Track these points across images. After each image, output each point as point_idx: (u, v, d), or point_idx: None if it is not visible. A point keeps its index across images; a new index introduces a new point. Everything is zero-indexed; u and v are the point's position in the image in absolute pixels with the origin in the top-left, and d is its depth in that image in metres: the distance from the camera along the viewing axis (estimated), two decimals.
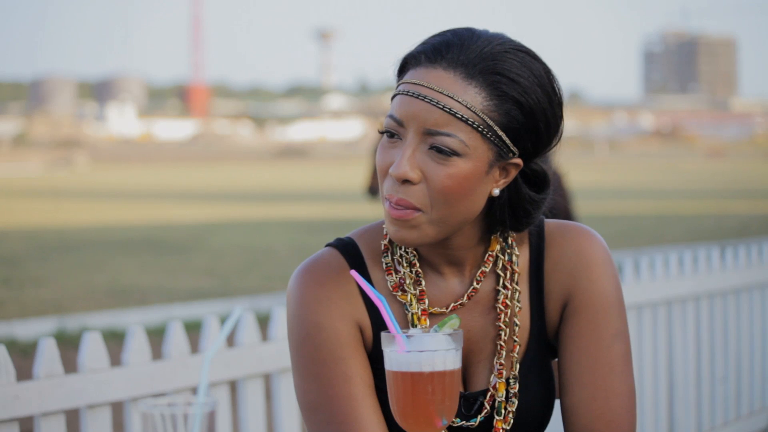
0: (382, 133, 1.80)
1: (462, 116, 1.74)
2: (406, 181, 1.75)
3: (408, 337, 1.61)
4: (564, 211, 5.49)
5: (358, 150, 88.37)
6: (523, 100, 1.76)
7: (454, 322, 1.65)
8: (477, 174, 1.76)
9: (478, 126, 1.75)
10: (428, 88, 1.76)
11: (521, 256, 1.90)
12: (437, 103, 1.75)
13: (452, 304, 1.86)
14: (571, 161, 64.09)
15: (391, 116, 1.78)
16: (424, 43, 1.81)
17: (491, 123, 1.76)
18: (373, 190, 7.90)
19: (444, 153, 1.74)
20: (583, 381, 1.86)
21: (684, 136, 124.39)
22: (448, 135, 1.74)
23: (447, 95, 1.75)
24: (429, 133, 1.75)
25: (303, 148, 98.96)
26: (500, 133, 1.76)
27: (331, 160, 77.60)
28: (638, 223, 21.71)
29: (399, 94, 1.79)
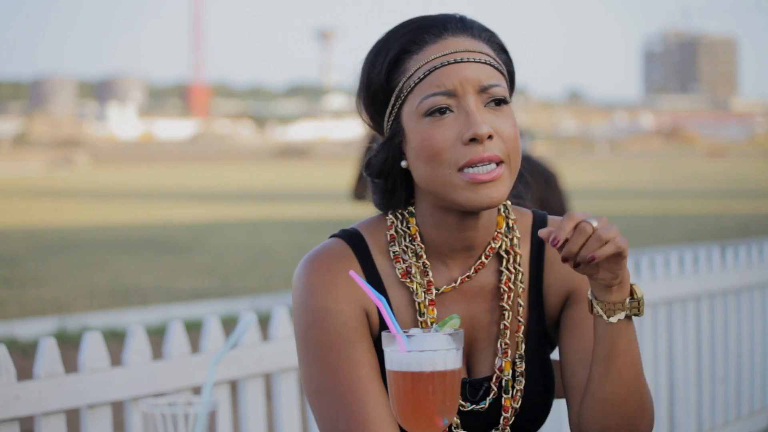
0: (428, 114, 1.79)
1: (497, 66, 1.82)
2: (488, 138, 1.78)
3: (408, 336, 1.61)
4: (559, 210, 5.48)
5: (359, 150, 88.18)
6: (508, 50, 1.87)
7: (454, 321, 1.65)
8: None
9: (504, 73, 1.84)
10: (464, 51, 1.80)
11: (523, 250, 1.92)
12: (480, 59, 1.80)
13: (460, 277, 1.87)
14: (571, 161, 64.12)
15: (437, 93, 1.79)
16: (413, 32, 1.83)
17: (505, 71, 1.85)
18: (358, 195, 7.77)
19: (502, 103, 1.80)
20: (586, 361, 1.86)
21: (684, 136, 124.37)
22: (498, 85, 1.81)
23: (481, 52, 1.81)
24: (484, 89, 1.79)
25: (303, 148, 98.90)
26: (508, 81, 1.87)
27: (332, 159, 77.55)
28: (638, 223, 21.68)
29: (438, 67, 1.79)
